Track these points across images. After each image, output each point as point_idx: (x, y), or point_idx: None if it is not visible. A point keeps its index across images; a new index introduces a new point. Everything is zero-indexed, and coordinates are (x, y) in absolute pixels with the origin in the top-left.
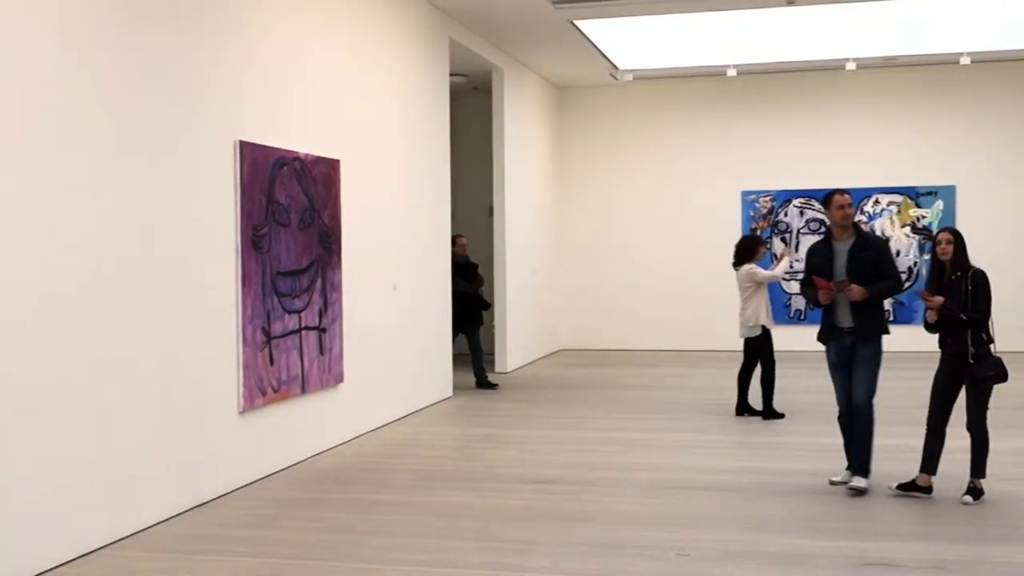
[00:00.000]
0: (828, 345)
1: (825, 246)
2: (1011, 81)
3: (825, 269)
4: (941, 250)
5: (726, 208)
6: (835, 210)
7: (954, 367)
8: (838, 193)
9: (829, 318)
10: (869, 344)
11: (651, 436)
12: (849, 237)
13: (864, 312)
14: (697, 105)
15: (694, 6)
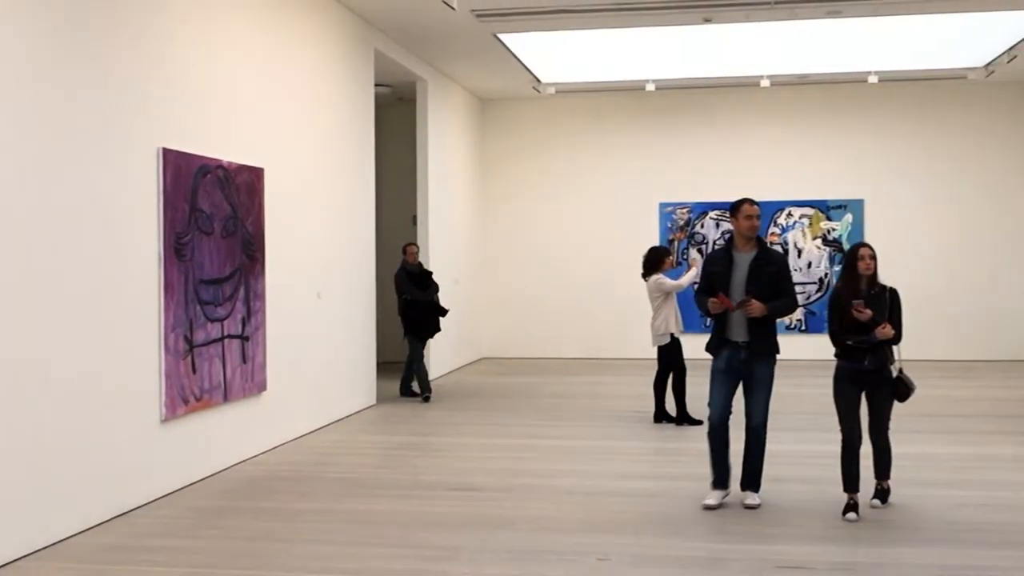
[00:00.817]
0: (716, 355)
1: (725, 256)
2: (916, 99)
3: (724, 279)
4: (865, 265)
5: (644, 219)
6: (742, 220)
7: (864, 382)
8: (747, 203)
9: (722, 330)
10: (764, 362)
11: (571, 443)
12: (751, 249)
13: (760, 328)
14: (617, 118)
15: (614, 22)
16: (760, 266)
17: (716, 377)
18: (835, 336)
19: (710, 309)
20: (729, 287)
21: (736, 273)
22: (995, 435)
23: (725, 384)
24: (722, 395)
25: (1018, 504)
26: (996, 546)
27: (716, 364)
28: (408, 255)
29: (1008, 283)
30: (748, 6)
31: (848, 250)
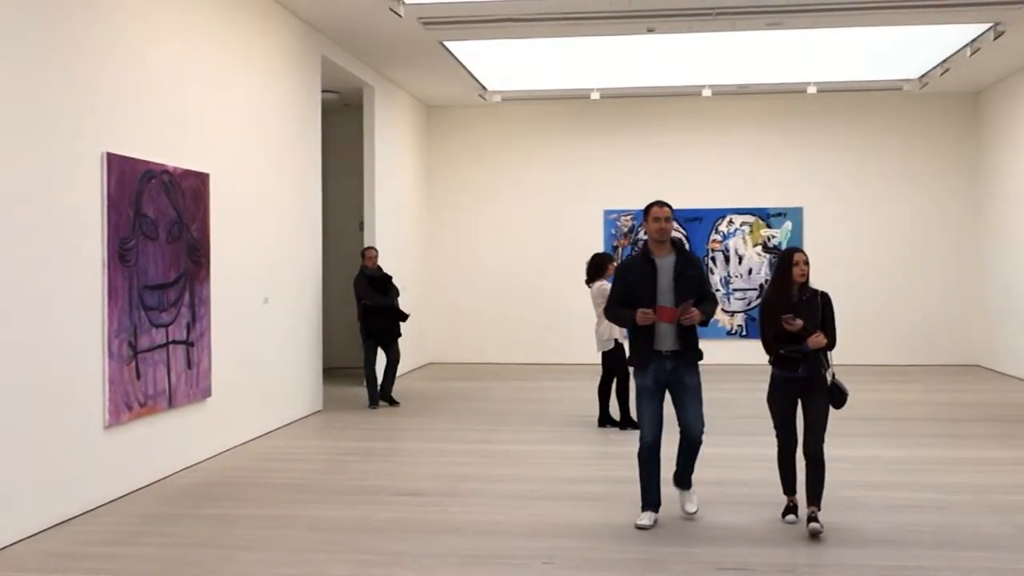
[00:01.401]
0: (645, 370)
1: (645, 262)
2: (853, 110)
3: (648, 287)
4: (800, 271)
5: (589, 226)
6: (651, 223)
7: (799, 390)
8: (656, 205)
9: (647, 341)
10: (693, 370)
11: (517, 447)
12: (668, 253)
13: (688, 335)
14: (563, 126)
15: (559, 31)
16: (685, 270)
17: (645, 394)
18: (768, 344)
19: (641, 321)
20: (656, 295)
21: (661, 280)
22: (931, 438)
23: (656, 400)
24: (656, 413)
25: (951, 505)
26: (931, 546)
27: (643, 380)
28: (367, 259)
29: (942, 289)
30: (690, 17)
31: (781, 256)
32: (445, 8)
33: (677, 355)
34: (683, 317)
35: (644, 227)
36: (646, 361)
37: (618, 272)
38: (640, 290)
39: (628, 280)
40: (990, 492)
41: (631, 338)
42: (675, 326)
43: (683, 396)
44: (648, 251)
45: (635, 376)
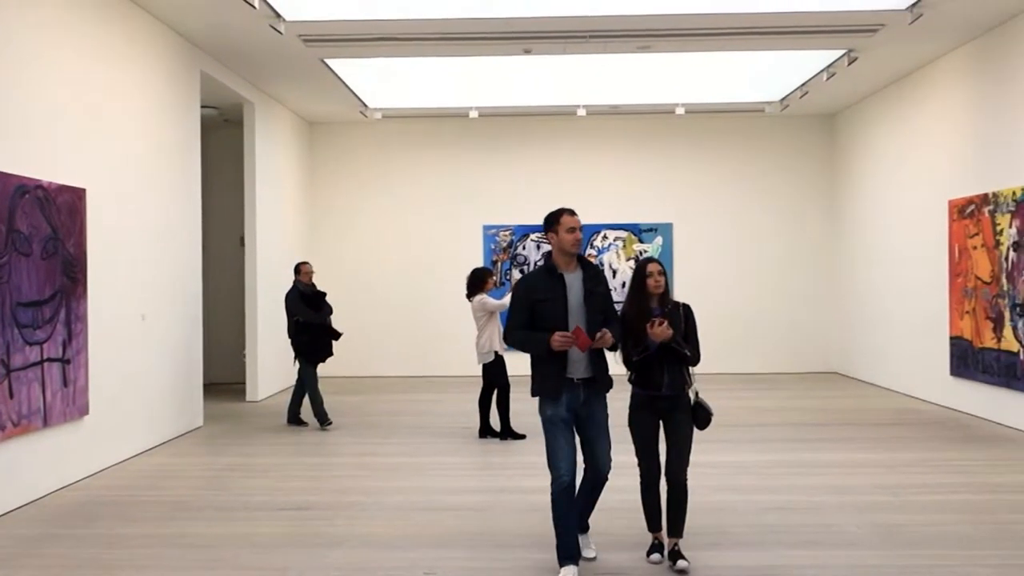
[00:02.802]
0: (556, 400)
1: (552, 277)
2: (719, 130)
3: (558, 307)
4: (654, 282)
5: (469, 241)
6: (564, 233)
7: (662, 409)
8: (567, 213)
9: (560, 368)
10: (603, 400)
11: (399, 460)
12: (575, 267)
13: (600, 361)
14: (443, 143)
15: (438, 51)
16: (594, 287)
17: (558, 429)
18: (629, 360)
19: (557, 346)
20: (567, 315)
21: (571, 298)
22: (794, 442)
23: (569, 433)
24: (570, 450)
25: (814, 507)
26: (795, 546)
27: (555, 412)
28: (302, 275)
29: (802, 300)
30: (565, 39)
31: (636, 267)
32: (325, 26)
33: (590, 383)
34: (601, 340)
35: (552, 239)
36: (559, 390)
37: (521, 290)
38: (549, 310)
39: (534, 299)
40: (850, 493)
41: (538, 365)
42: (590, 351)
43: (593, 430)
44: (553, 265)
45: (544, 407)
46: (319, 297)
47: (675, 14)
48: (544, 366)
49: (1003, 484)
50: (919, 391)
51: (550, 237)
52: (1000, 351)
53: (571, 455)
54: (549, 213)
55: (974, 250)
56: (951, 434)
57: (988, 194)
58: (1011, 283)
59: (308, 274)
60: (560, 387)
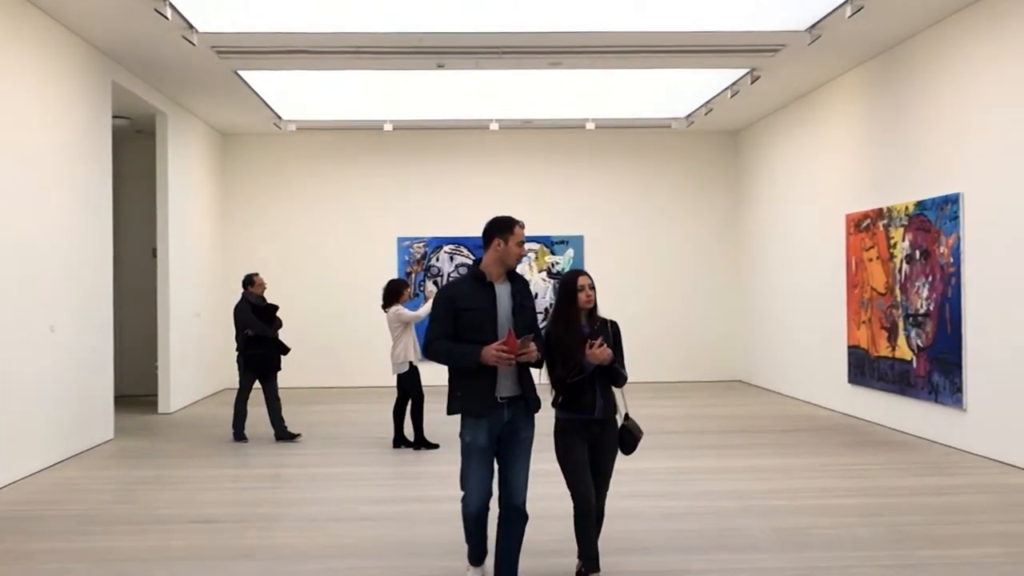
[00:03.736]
0: (479, 422)
1: (482, 287)
2: (628, 145)
3: (488, 317)
4: (586, 296)
5: (383, 253)
6: (513, 245)
7: (592, 434)
8: (519, 225)
9: (488, 385)
10: (530, 421)
11: (314, 470)
12: (504, 279)
13: (528, 377)
14: (357, 156)
15: (351, 64)
16: (523, 300)
17: (476, 454)
18: (559, 383)
19: (490, 359)
20: (496, 327)
21: (501, 310)
22: (699, 449)
23: (488, 459)
24: (486, 476)
25: (718, 512)
26: (701, 551)
27: (476, 436)
28: (256, 286)
29: (709, 311)
30: (478, 54)
31: (563, 280)
32: (239, 38)
33: (516, 402)
34: (527, 353)
35: (499, 248)
36: (480, 412)
37: (445, 299)
38: (477, 320)
39: (460, 308)
40: (752, 498)
41: (463, 380)
42: (516, 367)
43: (514, 451)
44: (483, 273)
45: (465, 430)
46: (271, 310)
47: (585, 32)
48: (470, 382)
49: (897, 487)
50: (819, 398)
51: (494, 244)
52: (894, 359)
53: (483, 485)
54: (499, 219)
55: (870, 262)
56: (848, 439)
57: (883, 209)
58: (904, 294)
59: (261, 285)
60: (488, 406)
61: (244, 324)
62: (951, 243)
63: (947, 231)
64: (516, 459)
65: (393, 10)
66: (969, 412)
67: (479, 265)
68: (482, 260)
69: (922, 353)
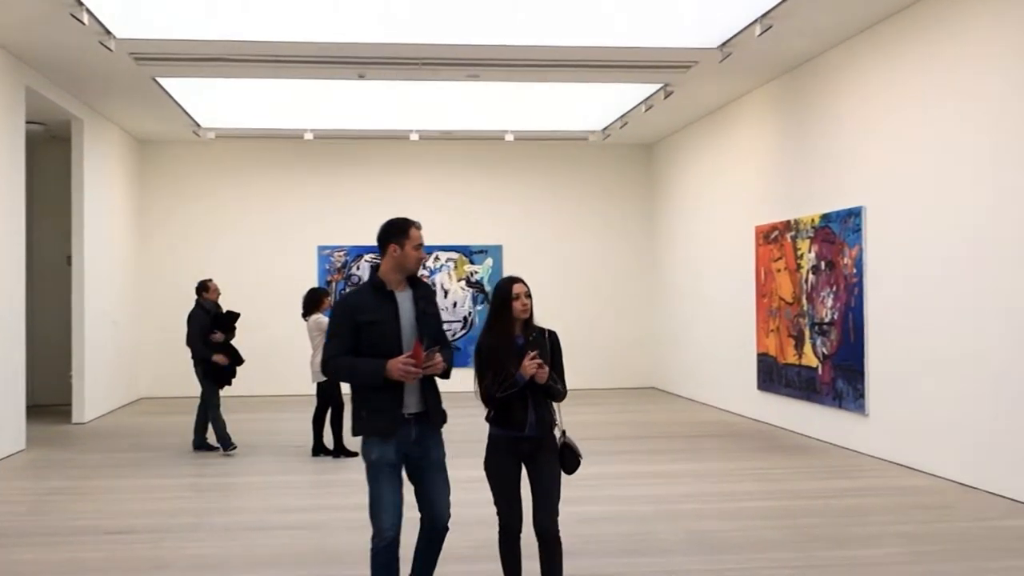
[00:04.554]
0: (385, 440)
1: (382, 296)
2: (546, 156)
3: (391, 329)
4: (522, 305)
5: (304, 261)
6: (411, 249)
7: (525, 452)
8: (415, 227)
9: (394, 401)
10: (439, 437)
11: (230, 480)
12: (405, 286)
13: (434, 392)
14: (278, 164)
15: (271, 73)
16: (427, 306)
17: (384, 476)
18: (488, 396)
19: (398, 375)
20: (400, 339)
21: (404, 320)
22: (614, 455)
23: (397, 480)
24: (398, 497)
25: (632, 516)
26: (615, 554)
27: (382, 455)
28: (211, 292)
29: (625, 320)
30: (398, 65)
31: (497, 287)
32: (157, 45)
33: (422, 418)
34: (431, 366)
35: (391, 251)
36: (386, 430)
37: (344, 312)
38: (379, 333)
39: (360, 321)
40: (665, 502)
41: (366, 397)
42: (421, 381)
43: (429, 473)
44: (382, 282)
45: (369, 449)
46: (231, 318)
47: (502, 45)
48: (375, 399)
49: (803, 490)
50: (730, 404)
51: (390, 250)
52: (801, 367)
53: (397, 506)
54: (392, 222)
55: (778, 272)
56: (758, 444)
57: (790, 221)
58: (811, 303)
59: (216, 291)
60: (395, 424)
61: (198, 331)
62: (854, 254)
63: (850, 243)
64: (434, 480)
65: (314, 20)
66: (871, 417)
67: (377, 274)
68: (379, 268)
69: (827, 361)
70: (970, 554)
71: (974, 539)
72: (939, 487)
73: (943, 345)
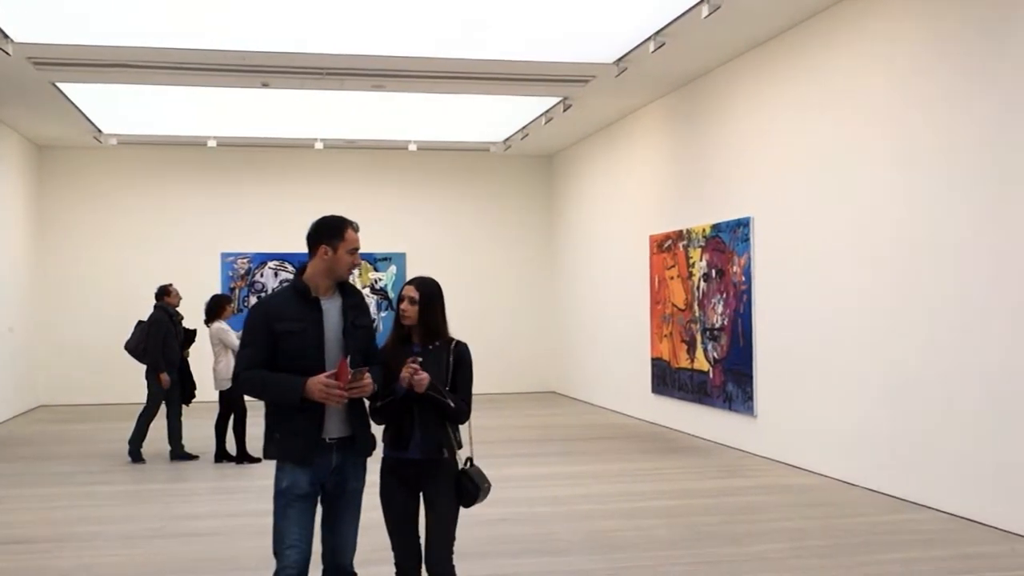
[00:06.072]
0: (302, 467)
1: (306, 302)
2: (449, 166)
3: (315, 339)
4: (403, 311)
5: (207, 268)
6: (344, 254)
7: (414, 478)
8: (352, 228)
9: (313, 424)
10: (360, 468)
11: (129, 488)
12: (333, 292)
13: (360, 414)
14: (181, 171)
15: (173, 80)
16: (358, 317)
17: (296, 504)
18: (371, 408)
19: (317, 394)
20: (322, 353)
21: (329, 331)
22: (514, 457)
23: (309, 512)
24: (307, 531)
25: (532, 517)
26: (516, 555)
27: (295, 484)
28: (171, 296)
29: (525, 326)
30: (302, 75)
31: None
32: (57, 49)
33: (346, 444)
34: (359, 386)
35: (321, 253)
36: (303, 455)
37: (259, 319)
38: (298, 344)
39: (278, 330)
40: (564, 503)
41: (282, 418)
42: (349, 404)
43: (341, 505)
44: (306, 287)
45: (281, 476)
46: (191, 337)
47: (407, 56)
48: (291, 421)
49: (695, 489)
50: (626, 408)
51: (320, 252)
52: (693, 371)
53: (306, 539)
54: (326, 221)
55: (671, 280)
56: (652, 446)
57: (683, 230)
58: (702, 310)
59: (177, 296)
60: (312, 450)
61: (163, 340)
62: (743, 263)
63: (739, 252)
64: (343, 512)
65: (218, 28)
66: (759, 418)
67: (302, 276)
68: (306, 270)
69: (718, 365)
70: (850, 548)
71: (853, 534)
72: (822, 485)
73: (825, 349)
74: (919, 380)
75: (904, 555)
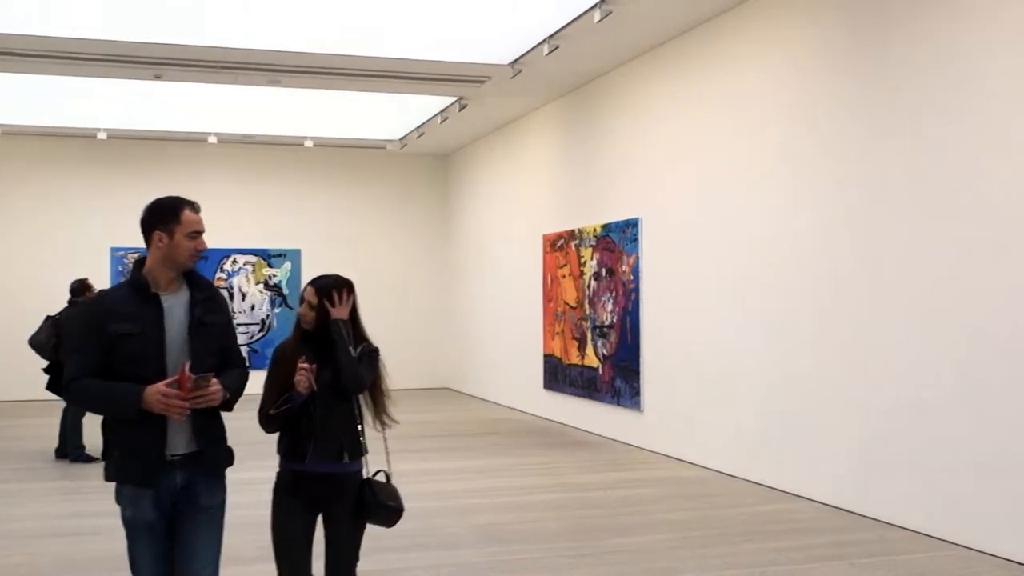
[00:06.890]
0: (138, 491)
1: (143, 299)
2: (345, 163)
3: (149, 341)
4: (302, 314)
5: (96, 262)
6: (183, 238)
7: (310, 493)
8: (189, 207)
9: (154, 439)
10: (216, 484)
11: (12, 487)
12: (179, 286)
13: (212, 426)
14: (69, 163)
15: (62, 70)
16: (207, 314)
17: (142, 534)
18: (265, 418)
19: (155, 405)
20: (163, 357)
21: (170, 330)
22: (406, 453)
23: (160, 539)
24: (161, 562)
25: (421, 512)
26: (406, 549)
27: (138, 512)
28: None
29: (419, 322)
30: (196, 68)
31: None
32: None
33: (193, 461)
34: (205, 395)
35: (156, 240)
36: (149, 475)
37: (89, 319)
38: (137, 348)
39: (112, 331)
40: (452, 497)
41: (119, 433)
42: (194, 416)
43: (193, 526)
44: (144, 281)
45: (123, 502)
46: None
47: (303, 52)
48: (129, 436)
49: (584, 483)
50: (518, 403)
51: (155, 239)
52: (584, 367)
53: (163, 571)
54: (158, 203)
55: (563, 279)
56: (543, 441)
57: (574, 230)
58: (592, 308)
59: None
60: (153, 470)
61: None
62: (632, 262)
63: (628, 251)
64: (198, 535)
65: (109, 17)
66: (646, 413)
67: (141, 270)
68: (144, 263)
69: (607, 361)
70: (730, 538)
71: (734, 524)
72: (705, 477)
73: (707, 347)
74: (795, 377)
75: (782, 544)
